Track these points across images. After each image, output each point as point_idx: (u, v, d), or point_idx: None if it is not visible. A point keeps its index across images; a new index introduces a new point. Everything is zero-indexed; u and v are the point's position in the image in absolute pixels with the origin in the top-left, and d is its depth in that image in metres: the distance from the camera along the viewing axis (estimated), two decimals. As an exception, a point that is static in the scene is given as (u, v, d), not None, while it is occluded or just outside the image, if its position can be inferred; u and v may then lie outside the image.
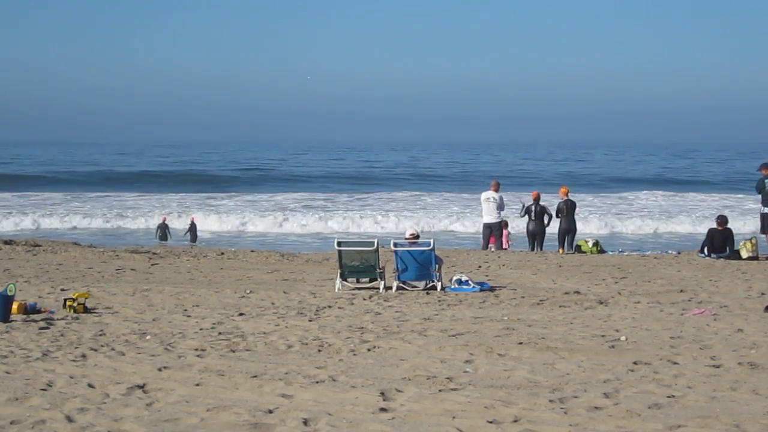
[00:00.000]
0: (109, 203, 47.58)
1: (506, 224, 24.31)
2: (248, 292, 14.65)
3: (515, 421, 6.91)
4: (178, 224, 35.01)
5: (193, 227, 31.80)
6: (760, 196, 21.13)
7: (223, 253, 21.76)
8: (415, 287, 15.07)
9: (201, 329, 11.02)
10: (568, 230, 23.73)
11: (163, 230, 31.72)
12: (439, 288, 14.94)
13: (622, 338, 10.39)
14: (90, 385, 8.00)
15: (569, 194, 24.21)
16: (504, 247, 23.88)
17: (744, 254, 20.67)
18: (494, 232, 23.74)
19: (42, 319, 11.47)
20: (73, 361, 9.05)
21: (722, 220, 21.68)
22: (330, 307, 13.05)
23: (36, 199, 50.03)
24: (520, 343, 10.07)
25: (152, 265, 19.04)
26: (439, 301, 13.89)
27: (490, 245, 23.64)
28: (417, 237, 15.96)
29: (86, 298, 12.43)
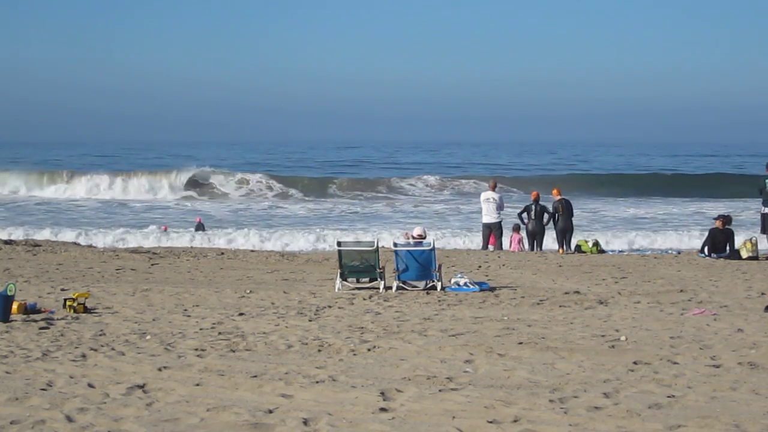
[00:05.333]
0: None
1: (518, 228, 24.25)
2: (248, 292, 14.65)
3: (515, 421, 6.91)
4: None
5: (199, 226, 32.15)
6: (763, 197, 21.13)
7: (223, 253, 21.76)
8: (415, 287, 15.07)
9: (201, 329, 11.02)
10: (566, 229, 23.73)
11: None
12: (439, 288, 14.94)
13: (622, 338, 10.39)
14: (90, 385, 8.00)
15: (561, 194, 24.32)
16: (515, 250, 23.81)
17: (744, 254, 20.68)
18: (494, 231, 23.73)
19: (42, 319, 11.47)
20: (73, 361, 9.05)
21: (724, 219, 21.67)
22: (330, 307, 13.05)
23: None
24: (520, 343, 10.07)
25: (152, 265, 19.04)
26: (439, 301, 13.89)
27: (489, 245, 23.63)
28: (423, 237, 15.87)
29: (86, 298, 12.43)
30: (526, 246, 23.95)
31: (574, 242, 23.98)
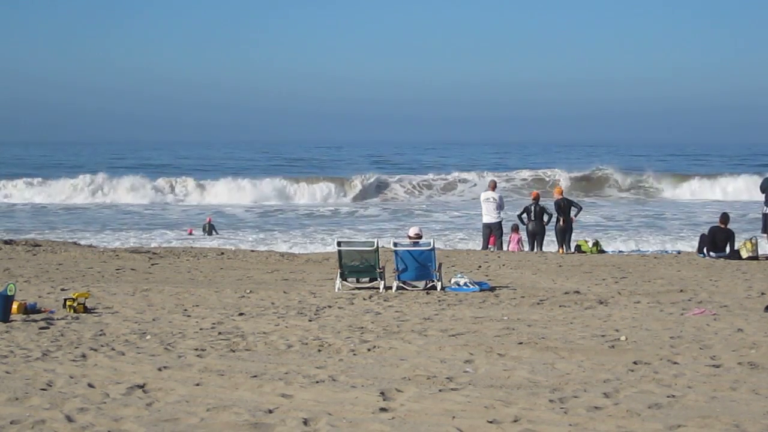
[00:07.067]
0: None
1: (517, 228, 24.26)
2: (248, 292, 14.66)
3: (515, 421, 6.91)
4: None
5: (206, 226, 32.21)
6: (764, 196, 21.12)
7: (223, 253, 21.75)
8: (415, 287, 15.07)
9: (201, 329, 11.02)
10: (566, 229, 23.73)
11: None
12: (439, 288, 14.94)
13: (622, 338, 10.39)
14: (90, 385, 8.00)
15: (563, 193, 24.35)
16: (514, 250, 23.81)
17: (744, 254, 20.67)
18: (494, 232, 23.73)
19: (42, 319, 11.47)
20: (73, 361, 9.05)
21: (724, 218, 21.66)
22: (330, 307, 13.05)
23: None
24: (520, 343, 10.08)
25: (152, 265, 19.04)
26: (439, 301, 13.89)
27: (490, 246, 23.63)
28: (420, 237, 15.93)
29: (86, 298, 12.43)
30: (526, 246, 23.95)
31: (573, 242, 23.99)
